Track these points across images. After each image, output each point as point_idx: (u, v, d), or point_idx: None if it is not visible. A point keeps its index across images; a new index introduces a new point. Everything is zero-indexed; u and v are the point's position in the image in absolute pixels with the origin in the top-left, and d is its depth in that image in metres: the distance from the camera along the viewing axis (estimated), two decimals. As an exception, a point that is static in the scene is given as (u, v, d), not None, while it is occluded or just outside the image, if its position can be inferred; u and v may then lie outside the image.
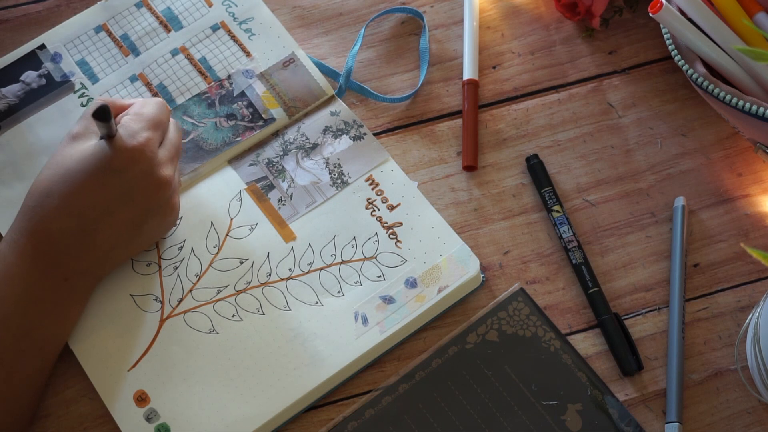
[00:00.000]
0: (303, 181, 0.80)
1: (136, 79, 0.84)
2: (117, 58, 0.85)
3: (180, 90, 0.83)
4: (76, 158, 0.69)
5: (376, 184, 0.79)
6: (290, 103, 0.82)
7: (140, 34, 0.86)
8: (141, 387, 0.72)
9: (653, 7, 0.74)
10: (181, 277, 0.76)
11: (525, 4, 0.88)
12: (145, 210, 0.71)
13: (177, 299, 0.75)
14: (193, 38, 0.85)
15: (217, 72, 0.84)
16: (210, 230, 0.78)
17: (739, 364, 0.73)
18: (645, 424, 0.72)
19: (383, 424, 0.72)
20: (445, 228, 0.77)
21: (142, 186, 0.70)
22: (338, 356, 0.73)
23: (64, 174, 0.69)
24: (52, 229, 0.69)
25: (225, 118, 0.82)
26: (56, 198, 0.69)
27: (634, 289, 0.76)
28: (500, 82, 0.85)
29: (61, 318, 0.71)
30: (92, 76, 0.84)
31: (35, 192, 0.70)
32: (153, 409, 0.72)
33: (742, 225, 0.78)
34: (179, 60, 0.84)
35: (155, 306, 0.75)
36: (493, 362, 0.73)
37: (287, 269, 0.76)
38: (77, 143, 0.71)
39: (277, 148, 0.81)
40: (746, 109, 0.72)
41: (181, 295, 0.75)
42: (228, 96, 0.83)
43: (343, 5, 0.89)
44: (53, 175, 0.70)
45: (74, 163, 0.69)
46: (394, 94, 0.85)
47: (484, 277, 0.77)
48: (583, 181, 0.81)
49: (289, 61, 0.84)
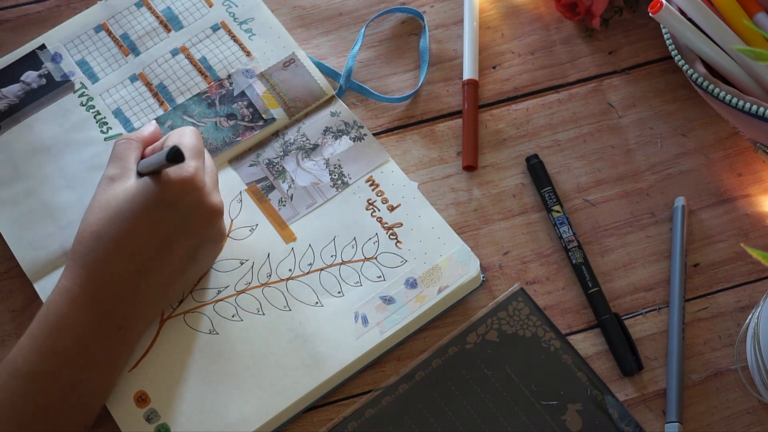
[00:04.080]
0: (303, 182, 0.80)
1: (136, 78, 0.84)
2: (117, 58, 0.85)
3: (180, 90, 0.83)
4: (123, 198, 0.67)
5: (376, 185, 0.79)
6: (290, 104, 0.82)
7: (140, 34, 0.86)
8: (141, 387, 0.72)
9: (653, 7, 0.74)
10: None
11: (525, 4, 0.88)
12: (200, 240, 0.70)
13: (177, 300, 0.75)
14: (194, 38, 0.85)
15: (218, 72, 0.84)
16: None
17: (739, 364, 0.73)
18: (645, 424, 0.72)
19: (383, 424, 0.72)
20: (445, 228, 0.77)
21: (197, 216, 0.69)
22: (338, 356, 0.73)
23: (114, 215, 0.67)
24: (106, 273, 0.66)
25: (225, 118, 0.82)
26: (108, 241, 0.66)
27: (634, 289, 0.76)
28: (500, 82, 0.85)
29: (110, 369, 0.69)
30: (92, 75, 0.84)
31: (85, 237, 0.67)
32: (153, 409, 0.72)
33: (742, 225, 0.78)
34: (179, 60, 0.84)
35: None
36: (493, 362, 0.73)
37: (287, 270, 0.76)
38: (118, 184, 0.68)
39: (278, 148, 0.81)
40: (746, 109, 0.72)
41: (181, 296, 0.75)
42: (228, 96, 0.83)
43: (343, 5, 0.89)
44: (102, 218, 0.67)
45: (123, 203, 0.67)
46: (394, 94, 0.85)
47: (484, 278, 0.77)
48: (583, 181, 0.81)
49: (289, 62, 0.84)
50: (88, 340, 0.66)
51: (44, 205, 0.79)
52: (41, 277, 0.76)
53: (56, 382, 0.65)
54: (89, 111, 0.83)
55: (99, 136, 0.81)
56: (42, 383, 0.65)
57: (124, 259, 0.67)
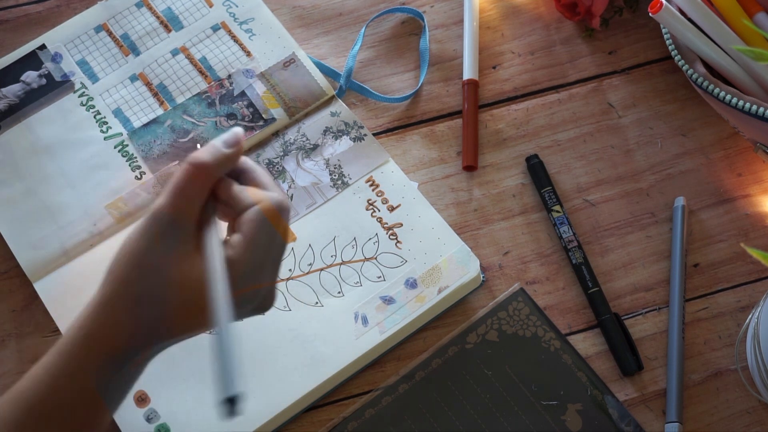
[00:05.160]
0: (303, 182, 0.80)
1: (137, 78, 0.84)
2: (117, 58, 0.85)
3: (180, 89, 0.83)
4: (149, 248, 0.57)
5: (376, 185, 0.79)
6: (290, 104, 0.82)
7: (140, 34, 0.86)
8: (141, 387, 0.72)
9: (653, 7, 0.74)
10: None
11: (525, 4, 0.88)
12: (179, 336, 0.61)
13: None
14: (194, 38, 0.85)
15: (218, 72, 0.84)
16: None
17: (739, 364, 0.73)
18: (645, 424, 0.72)
19: (383, 424, 0.72)
20: (445, 229, 0.77)
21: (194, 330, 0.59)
22: (338, 356, 0.73)
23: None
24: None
25: (225, 118, 0.82)
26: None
27: (634, 289, 0.76)
28: (500, 82, 0.85)
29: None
30: (92, 75, 0.84)
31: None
32: (153, 409, 0.72)
33: (742, 225, 0.78)
34: (179, 60, 0.84)
35: None
36: (493, 362, 0.73)
37: (287, 270, 0.76)
38: (162, 240, 0.57)
39: (278, 148, 0.81)
40: (746, 109, 0.72)
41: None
42: (228, 96, 0.83)
43: (343, 5, 0.89)
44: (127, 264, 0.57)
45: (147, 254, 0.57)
46: (394, 94, 0.85)
47: (484, 278, 0.77)
48: (583, 181, 0.81)
49: (289, 62, 0.84)
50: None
51: (44, 204, 0.79)
52: (41, 277, 0.76)
53: (74, 420, 0.59)
54: (89, 111, 0.83)
55: (99, 136, 0.82)
56: (58, 420, 0.59)
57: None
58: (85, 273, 0.77)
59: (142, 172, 0.80)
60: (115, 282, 0.57)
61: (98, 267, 0.59)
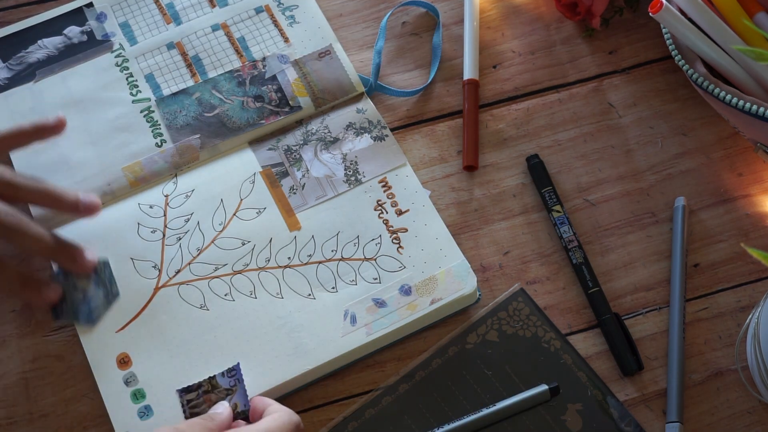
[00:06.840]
0: (317, 173, 0.80)
1: (173, 47, 0.86)
2: (158, 24, 0.87)
3: (213, 64, 0.85)
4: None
5: (388, 187, 0.79)
6: (319, 94, 0.83)
7: (185, 5, 0.88)
8: (125, 350, 0.73)
9: (653, 7, 0.74)
10: (182, 249, 0.77)
11: (525, 4, 0.88)
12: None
13: (175, 270, 0.76)
14: (236, 17, 0.87)
15: (253, 53, 0.85)
16: (218, 207, 0.78)
17: (740, 364, 0.73)
18: (645, 424, 0.72)
19: (383, 424, 0.72)
20: (449, 241, 0.77)
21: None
22: (321, 351, 0.73)
23: None
24: None
25: (252, 99, 0.83)
26: None
27: (634, 289, 0.76)
28: (501, 81, 0.85)
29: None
30: (132, 38, 0.86)
31: None
32: (133, 373, 0.72)
33: (742, 225, 0.78)
34: (218, 35, 0.86)
35: (152, 273, 0.76)
36: (493, 362, 0.73)
37: (286, 257, 0.76)
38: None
39: (299, 136, 0.82)
40: (746, 109, 0.72)
41: (179, 267, 0.76)
42: (259, 77, 0.84)
43: (344, 6, 0.89)
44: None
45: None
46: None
47: (480, 296, 0.76)
48: (583, 180, 0.81)
49: (325, 53, 0.85)
50: None
51: (64, 157, 0.80)
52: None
53: None
54: (123, 72, 0.85)
55: (128, 98, 0.83)
56: None
57: None
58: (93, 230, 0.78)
59: (163, 140, 0.81)
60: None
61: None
